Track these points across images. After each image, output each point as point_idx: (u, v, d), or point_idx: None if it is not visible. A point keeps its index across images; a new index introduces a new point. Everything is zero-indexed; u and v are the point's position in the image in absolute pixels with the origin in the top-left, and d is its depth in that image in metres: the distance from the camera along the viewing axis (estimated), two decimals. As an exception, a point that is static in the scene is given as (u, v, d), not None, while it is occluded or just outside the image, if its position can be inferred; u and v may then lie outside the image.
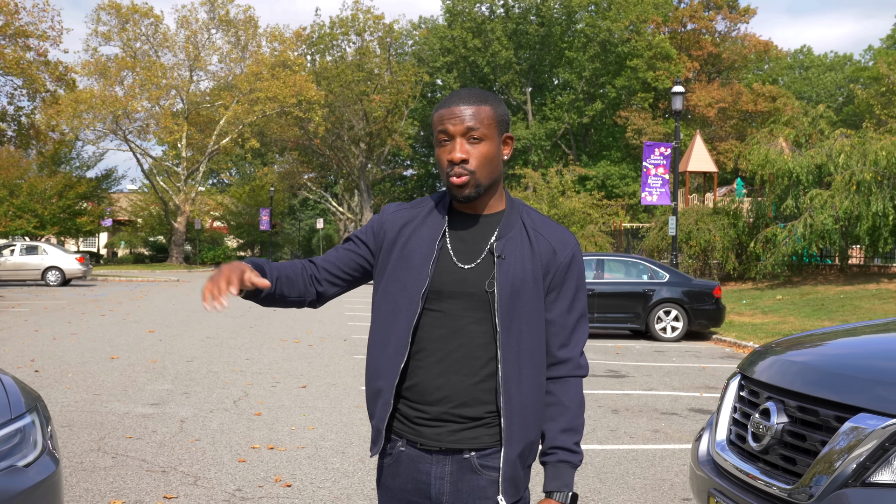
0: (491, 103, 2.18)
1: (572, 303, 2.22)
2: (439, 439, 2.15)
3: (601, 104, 57.55)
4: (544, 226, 2.24)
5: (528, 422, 2.14)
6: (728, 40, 60.73)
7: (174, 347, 12.71)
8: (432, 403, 2.15)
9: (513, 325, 2.12)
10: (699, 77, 59.19)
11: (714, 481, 3.19)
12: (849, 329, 3.87)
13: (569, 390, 2.21)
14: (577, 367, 2.23)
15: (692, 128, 51.09)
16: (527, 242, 2.19)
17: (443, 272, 2.17)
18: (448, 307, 2.16)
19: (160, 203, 57.50)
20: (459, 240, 2.20)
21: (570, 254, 2.22)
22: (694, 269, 26.93)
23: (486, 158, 2.15)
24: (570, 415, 2.19)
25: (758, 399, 3.17)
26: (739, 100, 54.34)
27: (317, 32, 60.48)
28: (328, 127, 57.17)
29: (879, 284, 21.32)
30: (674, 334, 16.11)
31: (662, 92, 55.26)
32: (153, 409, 8.03)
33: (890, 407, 2.55)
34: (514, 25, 57.88)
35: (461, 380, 2.13)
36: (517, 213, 2.24)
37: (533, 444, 2.16)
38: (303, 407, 8.35)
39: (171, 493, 5.38)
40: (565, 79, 60.30)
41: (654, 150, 24.98)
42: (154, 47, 54.58)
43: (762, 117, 51.89)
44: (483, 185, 2.16)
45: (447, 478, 2.15)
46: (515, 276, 2.14)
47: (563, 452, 2.16)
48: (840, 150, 23.57)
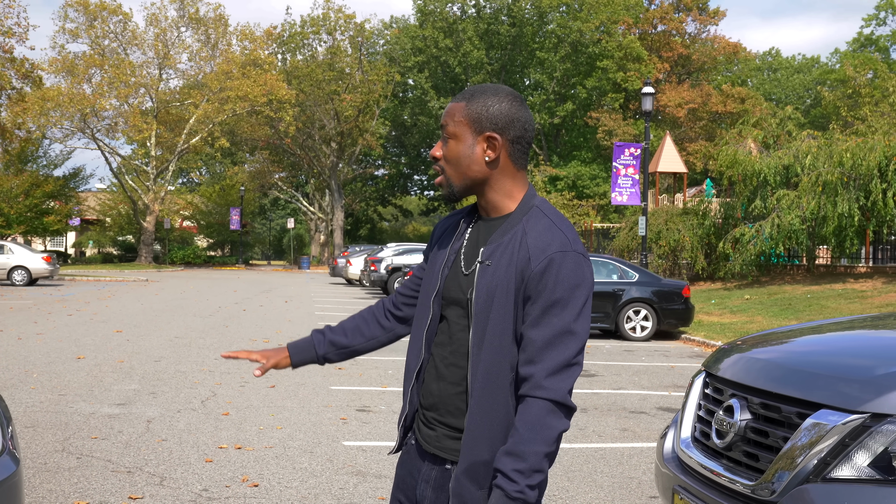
0: (470, 99, 2.13)
1: (542, 317, 2.00)
2: (430, 442, 2.17)
3: (572, 105, 57.78)
4: (535, 231, 2.07)
5: (478, 439, 2.02)
6: (698, 42, 61.21)
7: (142, 347, 12.60)
8: (428, 408, 2.18)
9: (483, 335, 2.05)
10: (669, 78, 59.59)
11: (679, 478, 3.20)
12: (813, 327, 3.90)
13: (523, 411, 1.97)
14: (537, 388, 1.96)
15: (662, 128, 51.45)
16: (513, 249, 2.06)
17: (451, 277, 2.18)
18: (450, 313, 2.16)
19: (129, 202, 56.97)
20: (471, 244, 2.18)
21: (544, 262, 2.00)
22: (663, 268, 27.11)
23: (451, 158, 2.13)
24: (517, 437, 1.95)
25: (722, 396, 3.19)
26: (709, 101, 54.79)
27: (288, 31, 60.26)
28: (299, 126, 56.98)
29: (846, 284, 21.56)
30: (643, 334, 16.20)
31: (633, 93, 55.59)
32: (119, 409, 7.95)
33: (851, 403, 2.57)
34: (486, 25, 57.97)
35: (447, 388, 2.13)
36: (521, 217, 2.11)
37: (486, 465, 2.01)
38: (271, 407, 8.31)
39: (136, 493, 5.33)
40: (536, 79, 60.49)
41: (624, 150, 25.13)
42: (123, 45, 54.08)
43: (731, 118, 52.33)
44: (455, 185, 2.14)
45: (430, 483, 2.16)
46: (490, 285, 2.05)
47: (500, 476, 1.95)
48: (807, 151, 23.83)
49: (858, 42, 66.04)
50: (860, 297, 19.29)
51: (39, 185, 47.86)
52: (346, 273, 35.81)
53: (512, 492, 1.92)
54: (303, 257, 61.43)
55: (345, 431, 7.33)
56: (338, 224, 62.04)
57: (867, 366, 2.81)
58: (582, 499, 5.56)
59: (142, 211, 55.25)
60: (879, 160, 21.09)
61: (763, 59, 79.00)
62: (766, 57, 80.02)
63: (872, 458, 2.46)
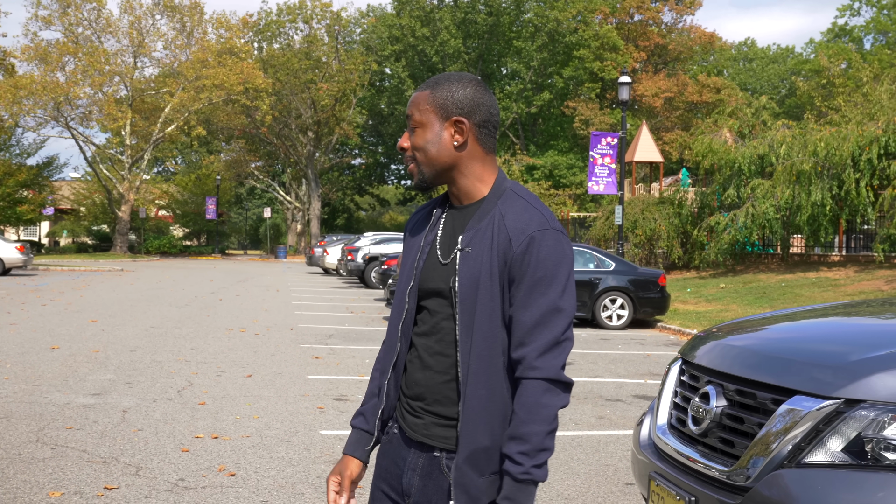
0: (434, 87, 2.14)
1: (529, 297, 2.02)
2: (416, 430, 2.15)
3: (549, 94, 57.82)
4: (512, 212, 2.08)
5: (476, 425, 2.03)
6: (674, 32, 61.39)
7: (117, 337, 12.52)
8: (413, 398, 2.17)
9: (472, 322, 2.06)
10: (646, 68, 59.76)
11: (655, 465, 3.22)
12: (788, 314, 3.93)
13: (520, 394, 2.01)
14: (530, 368, 2.00)
15: (639, 118, 51.61)
16: (491, 233, 2.07)
17: (428, 269, 2.17)
18: (430, 303, 2.16)
19: (104, 191, 56.45)
20: (447, 234, 2.18)
21: (525, 242, 2.03)
22: (640, 257, 27.23)
23: (420, 146, 2.14)
24: (516, 420, 1.99)
25: (698, 383, 3.21)
26: (685, 90, 55.00)
27: (264, 19, 59.91)
28: (275, 115, 56.69)
29: (819, 273, 21.75)
30: (619, 322, 16.27)
31: (609, 82, 55.71)
32: (95, 399, 7.90)
33: (825, 389, 2.59)
34: (463, 15, 57.85)
35: (434, 377, 2.13)
36: (495, 201, 2.12)
37: (487, 451, 2.03)
38: (248, 396, 8.29)
39: (111, 483, 5.30)
40: (513, 68, 60.48)
41: (600, 139, 25.18)
42: (97, 32, 53.53)
43: (707, 108, 52.58)
44: (426, 173, 2.15)
45: (418, 471, 2.14)
46: (473, 271, 2.06)
47: (506, 461, 1.99)
48: (781, 140, 23.98)
49: (833, 32, 66.54)
50: (833, 285, 19.47)
51: (12, 174, 47.36)
52: (322, 262, 35.73)
53: (518, 474, 1.97)
54: (279, 247, 61.21)
55: (322, 420, 7.32)
56: (314, 213, 61.85)
57: (841, 352, 2.83)
58: (558, 486, 5.58)
59: (117, 200, 54.80)
60: (853, 150, 21.25)
61: (739, 50, 79.42)
62: (741, 47, 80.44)
63: (846, 443, 2.48)
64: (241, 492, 5.23)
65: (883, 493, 2.34)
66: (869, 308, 4.06)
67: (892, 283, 18.38)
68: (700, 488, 2.85)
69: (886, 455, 2.40)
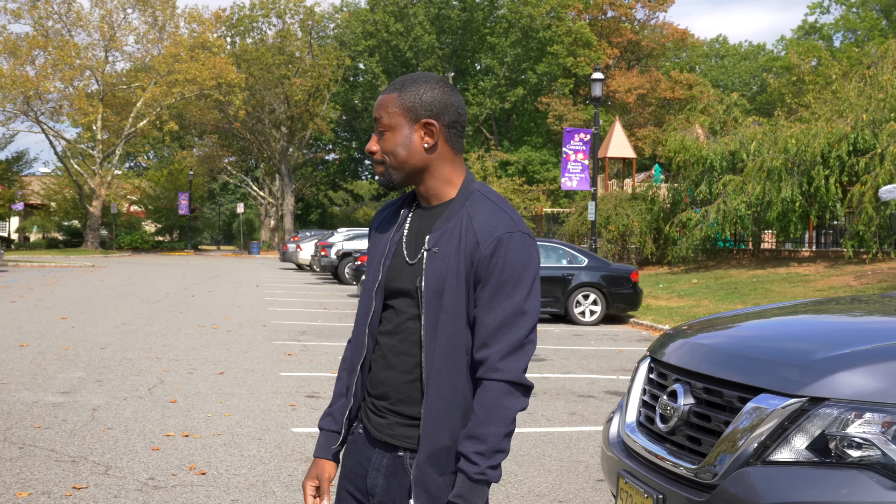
0: (401, 90, 2.14)
1: (494, 299, 2.04)
2: (381, 430, 2.16)
3: (523, 90, 57.91)
4: (480, 214, 2.09)
5: (437, 425, 2.05)
6: (647, 28, 61.65)
7: (87, 334, 12.42)
8: (378, 397, 2.17)
9: (437, 323, 2.06)
10: (619, 64, 59.96)
11: (624, 462, 3.24)
12: (758, 311, 3.96)
13: (480, 394, 2.03)
14: (492, 370, 2.02)
15: (612, 114, 51.78)
16: (458, 235, 2.08)
17: (394, 268, 2.17)
18: (397, 303, 2.16)
19: (75, 187, 55.94)
20: (413, 234, 2.19)
21: (492, 244, 2.04)
22: (613, 253, 27.36)
23: (389, 149, 2.14)
24: (475, 421, 2.01)
25: (666, 381, 3.23)
26: (658, 87, 55.26)
27: (236, 14, 59.57)
28: (248, 110, 56.41)
29: (790, 268, 21.96)
30: (592, 318, 16.34)
31: (583, 78, 55.85)
32: (64, 397, 7.83)
33: (790, 387, 2.62)
34: (437, 10, 57.80)
35: (398, 376, 2.13)
36: (463, 202, 2.13)
37: (448, 450, 2.05)
38: (220, 393, 8.25)
39: (80, 483, 5.25)
40: (487, 64, 60.52)
41: (573, 135, 25.25)
42: (67, 26, 52.97)
43: (679, 104, 52.87)
44: (394, 176, 2.15)
45: (382, 471, 2.15)
46: (440, 272, 2.07)
47: (462, 460, 2.01)
48: (752, 137, 24.16)
49: (803, 30, 67.05)
50: (803, 280, 19.65)
51: (-19, 169, 46.84)
52: (296, 258, 35.60)
53: (473, 474, 1.99)
54: (253, 242, 60.93)
55: (294, 418, 7.30)
56: (288, 209, 61.63)
57: (807, 350, 2.86)
58: (530, 483, 5.60)
59: (88, 195, 54.31)
60: (822, 147, 21.45)
61: (711, 46, 79.86)
62: (713, 44, 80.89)
63: (810, 440, 2.51)
64: (211, 490, 5.21)
65: (846, 489, 2.37)
66: (838, 306, 4.10)
67: (860, 279, 18.59)
68: (668, 486, 2.87)
69: (849, 452, 2.43)
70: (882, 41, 35.52)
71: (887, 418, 2.43)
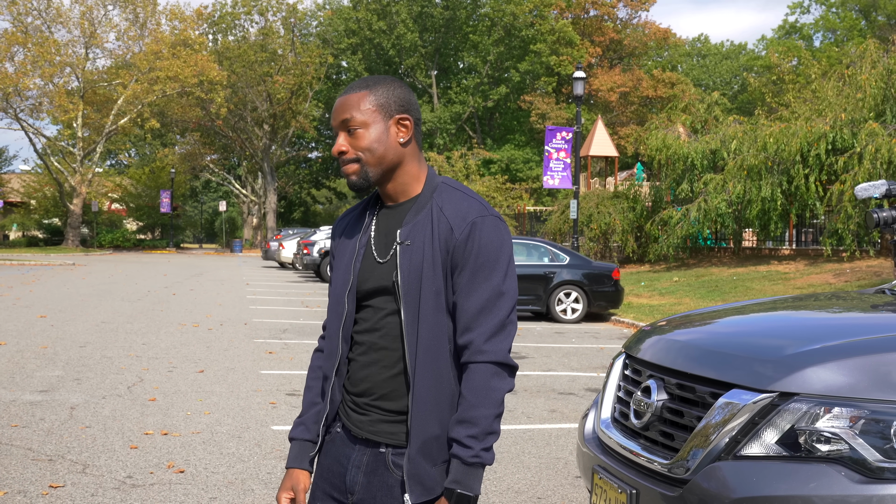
0: (372, 88, 2.14)
1: (472, 282, 2.06)
2: (362, 427, 2.15)
3: (505, 88, 57.98)
4: (450, 203, 2.12)
5: (426, 415, 2.06)
6: (629, 27, 61.84)
7: (67, 333, 12.35)
8: (358, 394, 2.17)
9: (417, 314, 2.07)
10: (601, 63, 60.12)
11: (598, 458, 3.25)
12: (736, 307, 3.98)
13: (468, 378, 2.04)
14: (478, 353, 2.04)
15: (594, 113, 51.95)
16: (430, 225, 2.11)
17: (365, 270, 2.18)
18: (375, 302, 2.16)
19: (55, 184, 55.58)
20: (381, 233, 2.19)
21: (466, 228, 2.07)
22: (595, 251, 27.44)
23: (365, 147, 2.12)
24: (465, 405, 2.03)
25: (640, 377, 3.25)
26: (640, 86, 55.44)
27: (218, 11, 59.33)
28: (231, 108, 56.21)
29: (770, 266, 22.09)
30: (574, 316, 16.39)
31: (565, 77, 55.97)
32: (42, 396, 7.79)
33: (761, 382, 2.64)
34: (420, 8, 57.77)
35: (380, 372, 2.13)
36: (430, 195, 2.16)
37: (438, 440, 2.06)
38: (199, 392, 8.22)
39: (57, 482, 5.23)
40: (470, 62, 60.55)
41: (556, 134, 25.30)
42: (46, 22, 52.61)
43: (661, 103, 53.05)
44: (372, 172, 2.14)
45: (362, 468, 2.15)
46: (415, 263, 2.08)
47: (455, 445, 2.02)
48: (733, 136, 24.27)
49: (784, 29, 67.44)
50: (783, 278, 19.78)
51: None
52: (278, 256, 35.51)
53: (468, 458, 2.00)
54: (235, 240, 60.69)
55: (274, 416, 7.29)
56: (270, 207, 61.45)
57: (779, 346, 2.88)
58: (509, 479, 5.62)
59: (68, 193, 53.98)
60: (802, 145, 21.57)
61: (692, 46, 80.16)
62: (695, 43, 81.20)
63: (780, 435, 2.53)
64: (189, 489, 5.20)
65: (815, 483, 2.40)
66: (816, 302, 4.13)
67: (839, 277, 18.72)
68: (641, 481, 2.89)
69: (818, 447, 2.45)
70: (861, 41, 35.74)
71: (855, 413, 2.45)
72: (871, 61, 22.45)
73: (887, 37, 35.46)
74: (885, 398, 2.45)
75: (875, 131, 20.11)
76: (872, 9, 60.95)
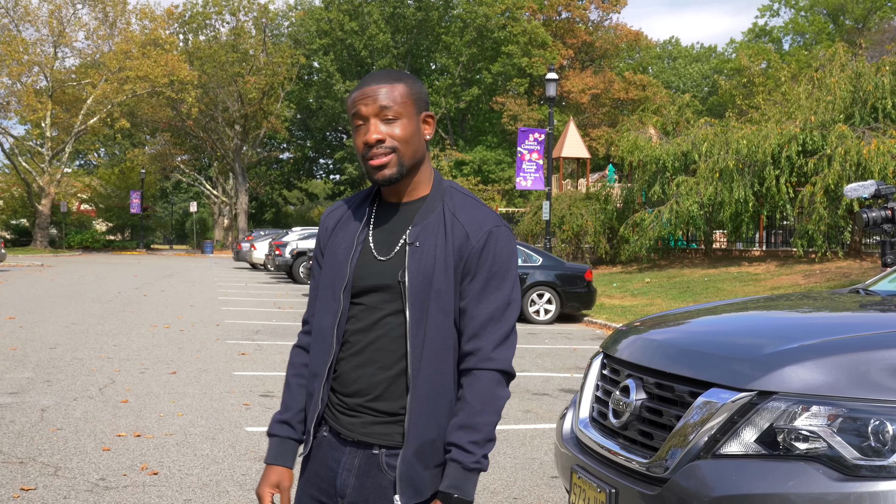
0: (406, 81, 2.11)
1: (484, 290, 2.07)
2: (353, 430, 2.12)
3: (478, 90, 58.01)
4: (463, 209, 2.11)
5: (426, 419, 2.04)
6: (601, 29, 62.11)
7: (36, 334, 12.21)
8: (349, 395, 2.13)
9: (423, 316, 2.05)
10: (573, 64, 60.32)
11: (577, 458, 3.26)
12: (709, 308, 4.02)
13: (473, 384, 2.04)
14: (486, 360, 2.04)
15: (566, 114, 52.10)
16: (443, 229, 2.08)
17: (363, 266, 2.13)
18: (369, 300, 2.12)
19: (23, 185, 54.95)
20: (381, 231, 2.15)
21: (483, 237, 2.07)
22: (567, 253, 27.53)
23: (404, 137, 2.07)
24: (469, 410, 2.02)
25: (619, 377, 3.26)
26: (611, 87, 55.67)
27: (189, 11, 58.91)
28: (202, 108, 55.83)
29: (741, 267, 22.27)
30: (547, 317, 16.43)
31: (537, 78, 56.08)
32: (11, 398, 7.69)
33: (740, 381, 2.66)
34: (392, 9, 57.68)
35: (376, 372, 2.10)
36: (440, 198, 2.13)
37: (433, 444, 2.05)
38: (172, 393, 8.16)
39: (28, 484, 5.17)
40: (442, 63, 60.53)
41: (528, 135, 25.37)
42: (14, 21, 52.02)
43: (633, 105, 53.32)
44: (406, 165, 2.09)
45: (354, 471, 2.11)
46: (426, 265, 2.06)
47: (455, 450, 2.01)
48: (704, 138, 24.44)
49: (754, 33, 68.12)
50: (754, 279, 19.95)
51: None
52: (250, 257, 35.31)
53: (469, 463, 2.01)
54: (206, 242, 60.28)
55: (248, 417, 7.25)
56: (242, 208, 61.11)
57: (756, 345, 2.91)
58: (485, 480, 5.62)
59: (36, 194, 53.38)
60: (773, 148, 21.77)
61: (663, 48, 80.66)
62: (666, 45, 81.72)
63: (758, 433, 2.55)
64: (163, 490, 5.15)
65: (793, 481, 2.42)
66: (787, 302, 4.17)
67: (809, 278, 18.91)
68: (620, 480, 2.90)
69: (797, 445, 2.47)
70: (829, 45, 36.15)
71: (833, 411, 2.48)
72: (840, 65, 22.71)
73: (855, 40, 35.91)
74: (863, 396, 2.48)
75: (844, 133, 20.34)
76: (840, 13, 61.67)
